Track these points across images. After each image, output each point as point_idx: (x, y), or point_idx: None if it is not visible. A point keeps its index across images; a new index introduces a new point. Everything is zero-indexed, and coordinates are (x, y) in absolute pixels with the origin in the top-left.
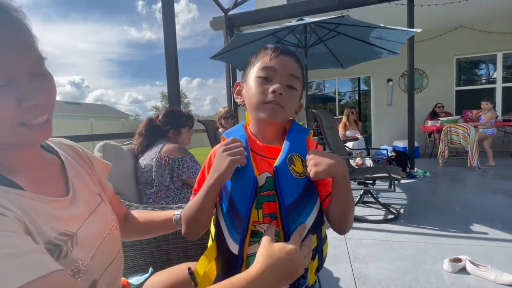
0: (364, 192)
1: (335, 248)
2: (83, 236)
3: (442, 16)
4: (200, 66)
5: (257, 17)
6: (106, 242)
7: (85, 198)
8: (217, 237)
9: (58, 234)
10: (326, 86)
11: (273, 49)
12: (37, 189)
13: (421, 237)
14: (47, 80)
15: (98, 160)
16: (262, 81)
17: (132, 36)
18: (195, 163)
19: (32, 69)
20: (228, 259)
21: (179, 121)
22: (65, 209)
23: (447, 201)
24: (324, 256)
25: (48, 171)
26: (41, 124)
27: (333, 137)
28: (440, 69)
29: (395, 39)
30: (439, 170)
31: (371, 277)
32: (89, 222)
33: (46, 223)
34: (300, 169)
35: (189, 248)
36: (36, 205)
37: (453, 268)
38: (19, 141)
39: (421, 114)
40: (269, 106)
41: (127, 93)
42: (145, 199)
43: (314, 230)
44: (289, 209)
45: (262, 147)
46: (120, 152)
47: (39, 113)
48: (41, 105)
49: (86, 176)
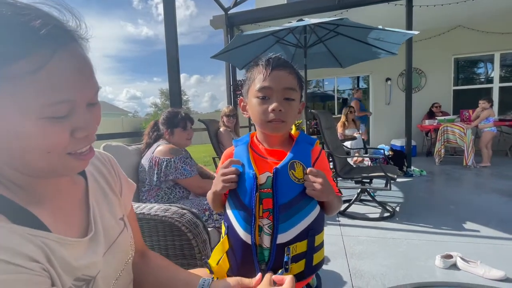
0: (361, 190)
1: (332, 245)
2: (101, 278)
3: (441, 16)
4: (198, 63)
5: (257, 16)
6: (121, 276)
7: (106, 227)
8: (228, 232)
9: (75, 280)
10: (325, 84)
11: (265, 65)
12: (61, 227)
13: (415, 234)
14: (98, 109)
15: (125, 178)
16: (260, 101)
17: (129, 32)
18: (184, 164)
19: (90, 100)
20: (243, 249)
21: (173, 121)
22: (85, 250)
23: (442, 199)
24: (315, 264)
25: (72, 197)
26: (86, 153)
27: (331, 137)
28: (438, 69)
29: (393, 40)
30: (435, 169)
31: (366, 273)
32: (107, 258)
33: (65, 269)
34: (300, 175)
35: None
36: (59, 248)
37: (444, 264)
38: (62, 170)
39: (419, 113)
40: (272, 125)
41: (125, 90)
42: (140, 196)
43: (305, 236)
44: (282, 207)
45: (265, 151)
46: (122, 151)
47: (88, 143)
48: (90, 135)
49: (112, 196)
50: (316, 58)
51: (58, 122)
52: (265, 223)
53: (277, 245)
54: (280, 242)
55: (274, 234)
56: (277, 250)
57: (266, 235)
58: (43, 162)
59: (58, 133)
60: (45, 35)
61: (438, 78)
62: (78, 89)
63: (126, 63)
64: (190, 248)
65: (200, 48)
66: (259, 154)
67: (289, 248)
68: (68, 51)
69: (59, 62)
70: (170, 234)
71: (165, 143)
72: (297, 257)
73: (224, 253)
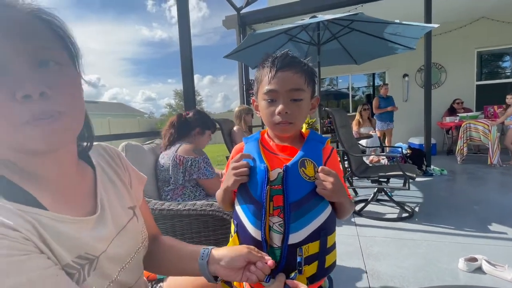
0: (378, 190)
1: (348, 245)
2: (105, 260)
3: (462, 8)
4: (211, 63)
5: (270, 15)
6: (130, 265)
7: (115, 214)
8: (238, 230)
9: (76, 258)
10: (339, 82)
11: (270, 66)
12: (61, 207)
13: (435, 235)
14: (55, 71)
15: (135, 171)
16: (268, 104)
17: (144, 35)
18: (207, 165)
19: (36, 57)
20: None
21: (206, 123)
22: (90, 230)
23: (465, 199)
24: (327, 266)
25: (79, 184)
26: (43, 119)
27: (346, 135)
28: (459, 63)
29: (411, 34)
30: (457, 168)
31: (384, 274)
32: (115, 243)
33: (63, 246)
34: (311, 173)
35: None
36: (55, 225)
37: (469, 267)
38: (26, 142)
39: (439, 110)
40: (280, 127)
41: (141, 91)
42: (163, 195)
43: (317, 236)
44: (292, 205)
45: (276, 147)
46: (141, 151)
47: (37, 107)
48: (36, 96)
49: (121, 186)
50: (330, 55)
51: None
52: (275, 221)
53: (289, 246)
54: (292, 243)
55: (285, 234)
56: (288, 250)
57: (277, 234)
58: (4, 135)
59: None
60: None
61: (459, 73)
62: (7, 44)
63: (141, 66)
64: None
65: (212, 48)
66: (269, 151)
67: (301, 248)
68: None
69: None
70: (220, 228)
71: (186, 142)
72: (309, 258)
73: None
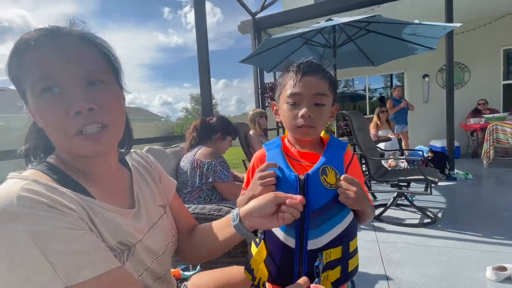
0: (398, 194)
1: (367, 250)
2: (141, 249)
3: (485, 5)
4: (225, 67)
5: (285, 19)
6: (162, 257)
7: (148, 210)
8: (265, 237)
9: (118, 243)
10: (355, 84)
11: (296, 71)
12: (106, 199)
13: (460, 243)
14: (102, 90)
15: (166, 176)
16: (291, 107)
17: (161, 41)
18: (223, 168)
19: (86, 78)
20: (283, 253)
21: (228, 129)
22: (128, 221)
23: (492, 205)
24: (350, 271)
25: (119, 183)
26: (93, 134)
27: (364, 138)
28: (484, 62)
29: (432, 34)
30: (483, 172)
31: (405, 282)
32: (149, 236)
33: (107, 230)
34: (332, 180)
35: (232, 251)
36: (102, 212)
37: (497, 277)
38: (78, 150)
39: (462, 111)
40: (301, 130)
41: (158, 96)
42: (181, 198)
43: (339, 242)
44: (312, 213)
45: (297, 153)
46: (162, 154)
47: (87, 121)
48: (86, 112)
49: (154, 187)
50: (346, 57)
51: (49, 101)
52: None
53: (309, 251)
54: (312, 248)
55: (304, 241)
56: (308, 255)
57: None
58: (61, 143)
59: (52, 110)
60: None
61: (484, 73)
62: (62, 68)
63: (158, 71)
64: (242, 245)
65: (227, 53)
66: (292, 158)
67: (322, 253)
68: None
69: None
70: None
71: (205, 146)
72: (332, 263)
73: (262, 262)
